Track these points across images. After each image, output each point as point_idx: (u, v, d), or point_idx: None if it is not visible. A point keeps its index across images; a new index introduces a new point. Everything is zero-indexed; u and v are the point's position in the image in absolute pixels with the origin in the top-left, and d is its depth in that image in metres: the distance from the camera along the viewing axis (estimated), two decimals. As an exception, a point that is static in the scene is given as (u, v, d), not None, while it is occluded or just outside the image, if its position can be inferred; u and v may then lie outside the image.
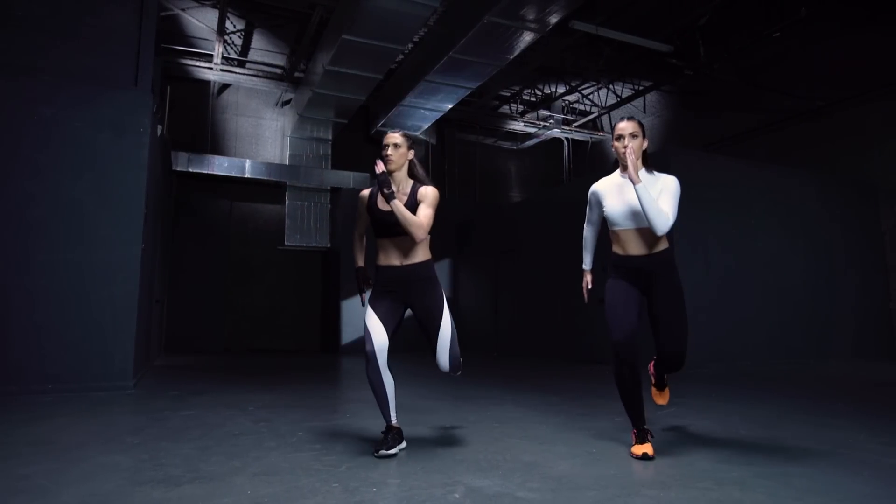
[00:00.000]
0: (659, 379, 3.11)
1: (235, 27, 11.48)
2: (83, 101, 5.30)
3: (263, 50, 12.01)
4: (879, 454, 2.65)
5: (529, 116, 14.32)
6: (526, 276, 10.80)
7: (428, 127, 12.38)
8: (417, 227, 2.72)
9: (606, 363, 8.32)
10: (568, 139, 15.57)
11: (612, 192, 2.86)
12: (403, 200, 2.79)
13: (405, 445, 2.80)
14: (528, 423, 3.51)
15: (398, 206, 2.71)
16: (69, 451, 2.73)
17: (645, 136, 2.85)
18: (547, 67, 12.59)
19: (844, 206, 9.32)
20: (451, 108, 11.33)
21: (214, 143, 12.03)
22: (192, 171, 10.89)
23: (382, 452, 2.63)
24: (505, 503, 1.95)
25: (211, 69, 11.24)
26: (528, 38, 8.60)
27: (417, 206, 2.79)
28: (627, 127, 2.80)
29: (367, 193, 2.96)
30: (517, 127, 14.52)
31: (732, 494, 2.03)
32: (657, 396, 3.17)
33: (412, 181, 2.90)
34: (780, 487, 2.11)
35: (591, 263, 3.17)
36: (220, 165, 11.16)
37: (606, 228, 2.96)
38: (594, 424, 3.43)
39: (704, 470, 2.37)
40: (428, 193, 2.82)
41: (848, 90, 9.65)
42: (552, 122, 14.47)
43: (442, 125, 13.41)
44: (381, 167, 2.76)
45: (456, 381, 5.62)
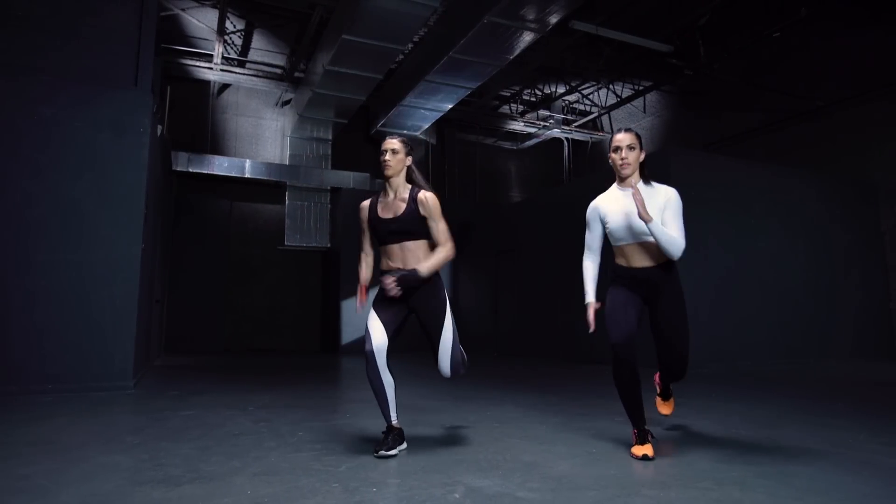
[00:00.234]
0: (664, 389, 3.13)
1: (235, 27, 11.48)
2: (83, 101, 5.29)
3: (263, 50, 12.01)
4: (879, 454, 2.65)
5: (529, 116, 14.32)
6: (526, 276, 10.80)
7: (428, 127, 12.38)
8: (447, 257, 2.81)
9: (606, 363, 8.29)
10: (568, 139, 15.57)
11: (613, 208, 2.84)
12: (402, 207, 2.81)
13: (405, 446, 2.79)
14: (528, 423, 3.51)
15: (430, 268, 2.75)
16: (69, 451, 2.73)
17: (642, 147, 2.84)
18: (547, 67, 12.59)
19: (844, 206, 9.32)
20: (451, 108, 11.33)
21: (214, 143, 12.03)
22: (192, 171, 10.89)
23: (382, 453, 2.62)
24: (505, 503, 1.95)
25: (211, 69, 11.24)
26: (528, 38, 8.60)
27: (417, 211, 2.80)
28: (625, 139, 2.78)
29: (366, 204, 2.95)
30: (517, 127, 14.52)
31: (732, 494, 2.03)
32: (661, 406, 3.19)
33: (410, 186, 2.90)
34: (780, 487, 2.11)
35: (594, 296, 2.94)
36: (220, 165, 11.17)
37: (607, 250, 2.95)
38: (594, 424, 3.43)
39: (704, 470, 2.37)
40: (430, 204, 2.81)
41: (848, 90, 9.65)
42: (552, 122, 14.47)
43: (442, 125, 13.41)
44: (388, 284, 2.72)
45: (456, 381, 5.62)
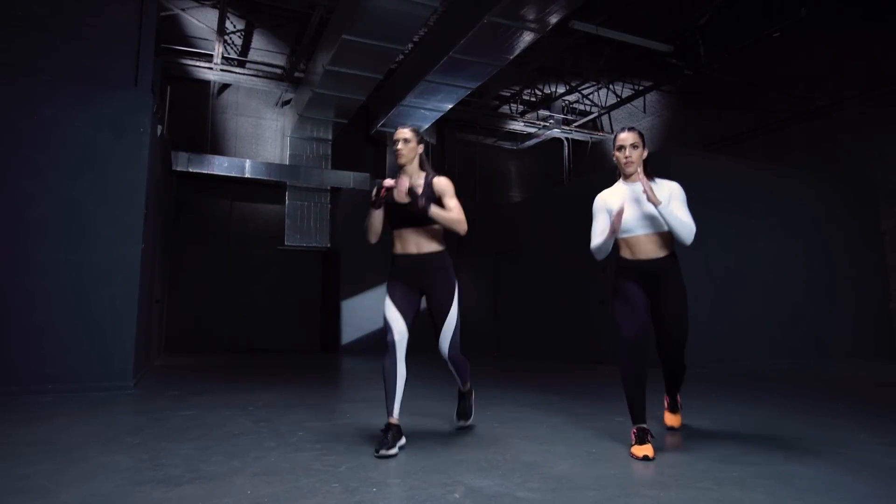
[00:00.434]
0: (672, 402, 3.18)
1: (235, 27, 11.48)
2: (83, 101, 5.29)
3: (263, 50, 12.01)
4: (879, 454, 2.65)
5: (529, 116, 14.31)
6: (526, 276, 10.80)
7: (428, 127, 12.37)
8: (458, 222, 2.90)
9: (606, 363, 8.32)
10: (568, 139, 15.57)
11: (618, 201, 2.93)
12: (420, 191, 2.91)
13: (405, 442, 2.81)
14: (528, 423, 3.51)
15: (438, 213, 2.86)
16: (69, 451, 2.73)
17: (645, 145, 2.95)
18: (547, 67, 12.58)
19: (844, 206, 9.32)
20: (451, 108, 11.32)
21: (214, 143, 12.03)
22: (192, 171, 10.88)
23: (383, 452, 2.61)
24: (505, 503, 1.95)
25: (211, 69, 11.24)
26: (528, 38, 8.60)
27: (434, 196, 2.91)
28: (628, 138, 2.89)
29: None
30: (517, 127, 14.52)
31: (732, 494, 2.03)
32: (669, 418, 3.22)
33: (423, 173, 3.03)
34: (780, 487, 2.11)
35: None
36: (220, 165, 11.16)
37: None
38: (594, 424, 3.43)
39: (704, 470, 2.37)
40: (445, 185, 2.95)
41: (848, 90, 9.65)
42: (552, 122, 14.47)
43: (442, 125, 13.41)
44: (388, 183, 2.80)
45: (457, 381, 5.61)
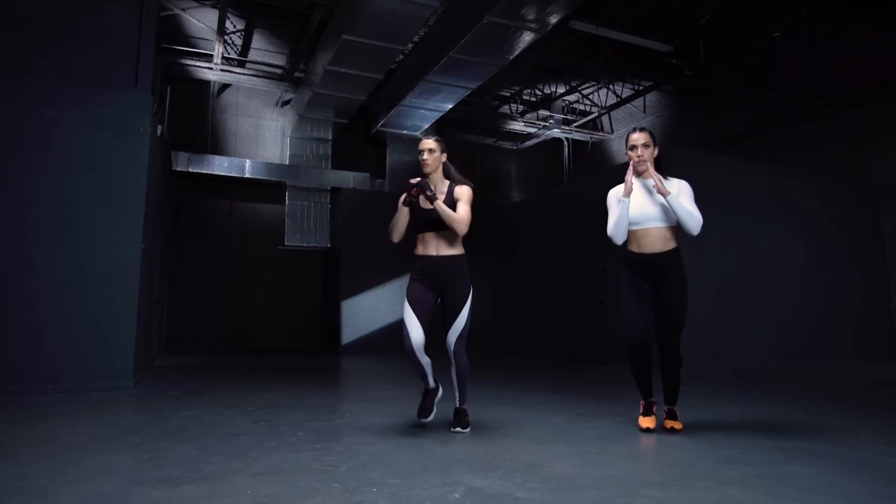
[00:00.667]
0: (671, 412, 3.24)
1: (235, 27, 11.48)
2: (83, 101, 5.29)
3: (263, 50, 12.01)
4: (879, 454, 2.65)
5: (529, 116, 14.31)
6: (526, 276, 10.80)
7: (428, 127, 12.38)
8: (459, 222, 3.09)
9: (606, 363, 8.33)
10: (568, 139, 15.56)
11: (632, 195, 3.17)
12: (441, 200, 3.12)
13: (441, 393, 3.34)
14: (528, 423, 3.51)
15: (441, 206, 3.07)
16: (69, 451, 2.73)
17: (656, 144, 3.22)
18: (547, 67, 12.58)
19: (844, 206, 9.33)
20: (451, 108, 11.32)
21: (214, 143, 12.03)
22: (192, 171, 10.89)
23: (421, 417, 3.24)
24: (505, 503, 1.95)
25: (211, 69, 11.24)
26: (528, 38, 8.60)
27: (455, 203, 3.14)
28: (640, 138, 3.18)
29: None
30: (517, 127, 14.51)
31: (732, 494, 2.03)
32: (669, 423, 3.23)
33: (447, 181, 3.25)
34: (780, 487, 2.11)
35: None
36: (220, 165, 11.17)
37: (613, 248, 3.40)
38: (594, 424, 3.43)
39: (704, 470, 2.37)
40: (464, 192, 3.17)
41: (848, 90, 9.65)
42: (552, 122, 14.47)
43: (442, 125, 13.40)
44: (415, 180, 3.12)
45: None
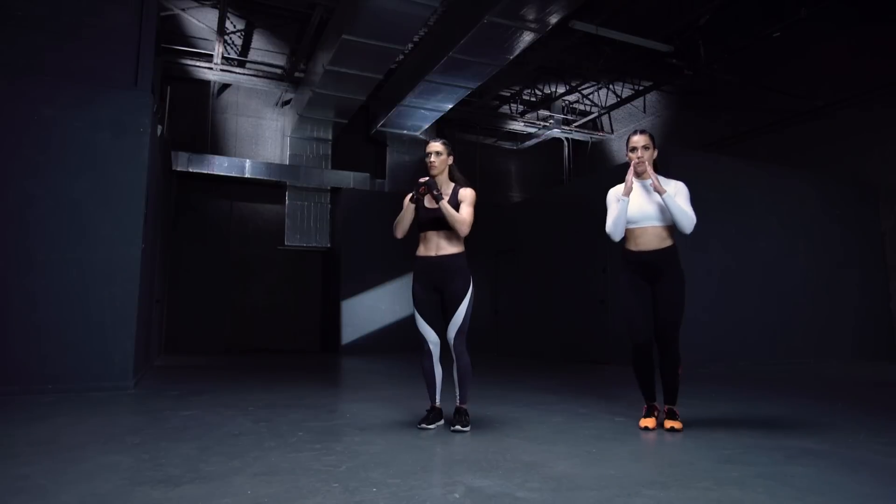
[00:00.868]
0: (671, 412, 3.28)
1: (235, 27, 11.48)
2: (83, 101, 5.29)
3: (263, 50, 12.01)
4: (879, 454, 2.65)
5: (529, 116, 14.31)
6: (526, 276, 10.80)
7: (428, 127, 12.38)
8: (461, 223, 3.22)
9: (606, 363, 8.32)
10: (568, 139, 15.57)
11: (631, 194, 3.29)
12: (446, 201, 3.24)
13: (443, 422, 3.36)
14: (528, 423, 3.51)
15: (446, 205, 3.20)
16: (69, 451, 2.73)
17: (655, 145, 3.36)
18: (547, 67, 12.58)
19: (844, 206, 9.33)
20: (451, 108, 11.32)
21: (214, 143, 12.03)
22: (192, 171, 10.89)
23: (424, 426, 3.25)
24: (505, 503, 1.95)
25: (211, 69, 11.24)
26: (528, 38, 8.60)
27: (459, 205, 3.26)
28: (640, 140, 3.32)
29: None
30: (517, 127, 14.52)
31: (732, 494, 2.03)
32: (669, 423, 3.24)
33: (453, 184, 3.37)
34: (780, 487, 2.11)
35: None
36: (220, 165, 11.17)
37: (611, 244, 3.49)
38: (594, 424, 3.43)
39: (704, 470, 2.37)
40: (467, 194, 3.30)
41: (848, 90, 9.65)
42: (552, 122, 14.47)
43: (442, 125, 13.40)
44: (423, 179, 3.26)
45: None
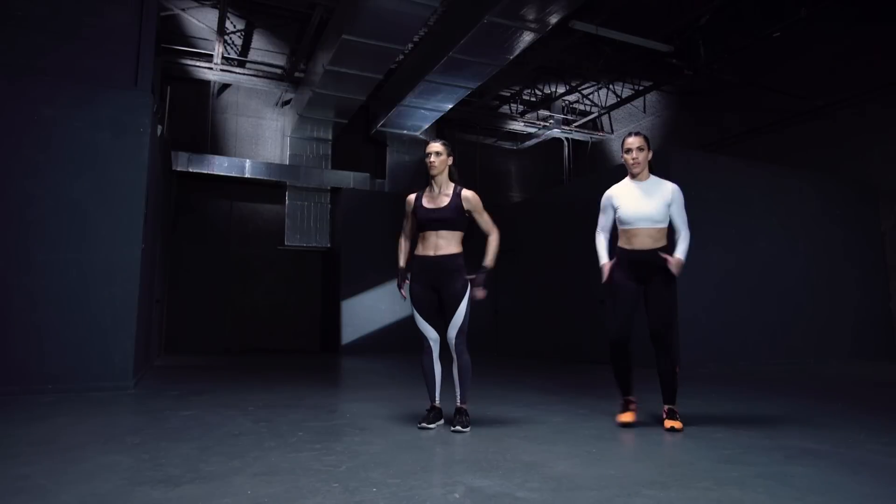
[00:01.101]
0: (671, 411, 3.29)
1: (235, 27, 11.48)
2: (83, 101, 5.29)
3: (263, 50, 12.01)
4: (879, 454, 2.65)
5: (529, 116, 14.31)
6: (526, 276, 10.80)
7: (428, 127, 12.38)
8: (497, 238, 3.40)
9: (606, 363, 8.31)
10: (568, 139, 15.57)
11: (626, 196, 3.39)
12: (446, 200, 3.32)
13: (443, 422, 3.37)
14: (528, 423, 3.51)
15: (492, 260, 3.38)
16: (69, 451, 2.73)
17: (650, 147, 3.41)
18: (547, 67, 12.59)
19: (844, 206, 9.33)
20: (451, 108, 11.32)
21: (214, 143, 12.03)
22: (192, 171, 10.89)
23: (424, 425, 3.25)
24: (505, 503, 1.95)
25: (211, 69, 11.24)
26: (528, 38, 8.60)
27: (460, 205, 3.32)
28: (635, 142, 3.37)
29: (412, 197, 3.46)
30: (517, 127, 14.52)
31: (732, 494, 2.03)
32: (669, 423, 3.24)
33: (453, 184, 3.40)
34: (780, 487, 2.11)
35: (606, 258, 3.53)
36: (220, 165, 11.17)
37: (614, 230, 3.49)
38: (594, 424, 3.43)
39: (704, 470, 2.37)
40: (475, 201, 3.35)
41: (848, 90, 9.65)
42: (552, 122, 14.47)
43: (442, 125, 13.41)
44: (481, 295, 3.34)
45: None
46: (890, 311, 9.36)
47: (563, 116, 14.69)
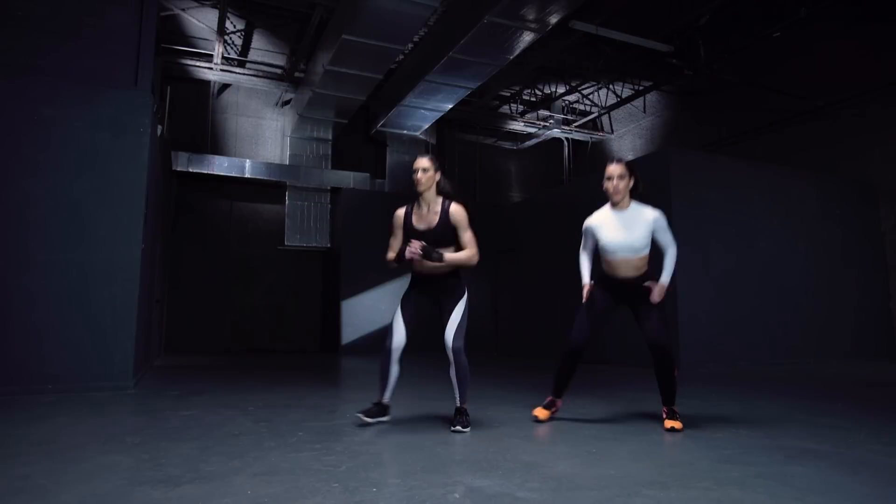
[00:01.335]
0: (670, 411, 3.28)
1: (235, 27, 11.48)
2: (83, 101, 5.29)
3: (263, 50, 12.01)
4: (879, 454, 2.65)
5: (529, 116, 14.31)
6: (526, 276, 10.80)
7: (428, 127, 12.38)
8: (470, 259, 3.22)
9: (606, 363, 8.32)
10: (568, 139, 15.57)
11: (606, 226, 3.36)
12: (435, 219, 3.22)
13: (386, 419, 3.34)
14: (528, 423, 3.50)
15: (450, 259, 3.17)
16: (69, 451, 2.72)
17: (632, 174, 3.32)
18: (547, 67, 12.59)
19: (844, 206, 9.33)
20: (451, 108, 11.33)
21: (214, 143, 12.03)
22: (192, 171, 10.90)
23: (360, 415, 3.25)
24: (505, 503, 1.95)
25: (211, 69, 11.24)
26: (528, 38, 8.60)
27: (449, 222, 3.22)
28: (616, 170, 3.29)
29: (401, 213, 3.34)
30: (517, 127, 14.52)
31: (732, 494, 2.03)
32: (669, 423, 3.24)
33: (440, 198, 3.29)
34: (780, 487, 2.11)
35: (588, 278, 3.58)
36: (220, 165, 11.17)
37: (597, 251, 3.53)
38: (594, 424, 3.43)
39: (704, 470, 2.37)
40: (459, 217, 3.23)
41: (848, 90, 9.65)
42: (552, 122, 14.47)
43: (442, 125, 13.41)
44: (413, 247, 3.10)
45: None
46: (890, 311, 9.36)
47: (563, 116, 14.69)
